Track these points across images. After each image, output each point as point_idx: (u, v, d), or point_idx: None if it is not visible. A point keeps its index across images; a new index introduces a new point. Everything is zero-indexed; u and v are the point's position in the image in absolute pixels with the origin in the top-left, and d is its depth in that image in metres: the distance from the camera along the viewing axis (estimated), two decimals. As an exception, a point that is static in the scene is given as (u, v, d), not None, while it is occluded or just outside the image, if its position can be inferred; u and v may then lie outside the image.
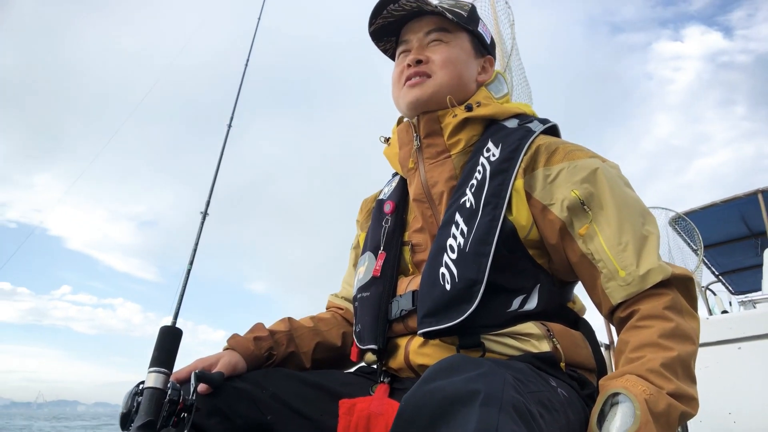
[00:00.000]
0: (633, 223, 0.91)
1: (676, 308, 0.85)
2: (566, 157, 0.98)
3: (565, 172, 0.96)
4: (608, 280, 0.89)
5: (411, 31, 1.16)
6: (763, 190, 5.30)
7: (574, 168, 0.96)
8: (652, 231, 0.91)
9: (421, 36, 1.14)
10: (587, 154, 0.99)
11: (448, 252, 0.94)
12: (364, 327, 1.03)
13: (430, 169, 1.08)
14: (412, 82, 1.10)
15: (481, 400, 0.57)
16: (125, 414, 0.78)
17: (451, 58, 1.12)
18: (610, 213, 0.92)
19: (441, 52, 1.12)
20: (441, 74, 1.10)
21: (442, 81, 1.10)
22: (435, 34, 1.13)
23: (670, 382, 0.76)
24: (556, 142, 1.03)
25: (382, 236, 1.11)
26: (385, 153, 1.22)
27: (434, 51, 1.12)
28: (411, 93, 1.10)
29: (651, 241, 0.90)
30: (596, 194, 0.94)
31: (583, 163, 0.97)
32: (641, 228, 0.91)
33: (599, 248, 0.90)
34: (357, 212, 1.33)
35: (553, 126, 1.11)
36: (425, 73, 1.10)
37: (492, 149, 1.02)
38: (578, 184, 0.94)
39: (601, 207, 0.93)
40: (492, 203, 0.95)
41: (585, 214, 0.93)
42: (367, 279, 1.07)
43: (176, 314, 0.95)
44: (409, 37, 1.16)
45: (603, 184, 0.94)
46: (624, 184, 0.97)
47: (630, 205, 0.93)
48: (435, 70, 1.10)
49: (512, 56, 2.35)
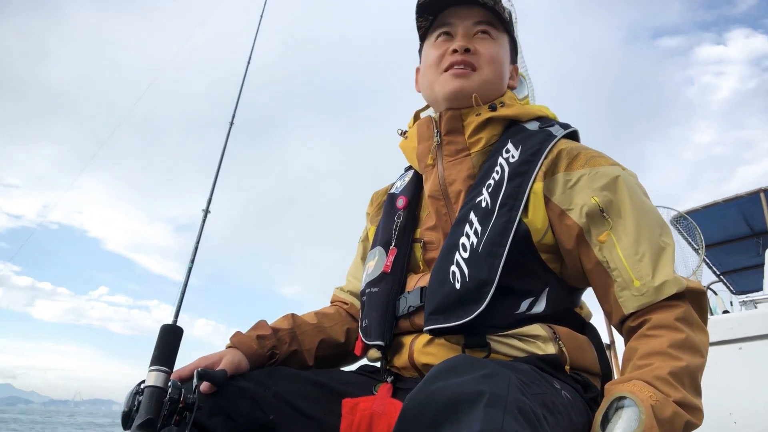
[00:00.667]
0: (651, 233, 0.90)
1: (687, 321, 0.85)
2: (588, 163, 0.97)
3: (585, 178, 0.95)
4: (622, 289, 0.88)
5: (457, 16, 1.11)
6: (765, 189, 5.29)
7: (596, 174, 0.95)
8: (668, 242, 0.91)
9: (468, 24, 1.10)
10: (608, 162, 0.98)
11: (460, 250, 0.93)
12: (371, 322, 1.02)
13: (449, 167, 1.06)
14: (457, 71, 1.07)
15: (486, 401, 0.57)
16: (126, 413, 0.77)
17: (497, 56, 1.11)
18: (629, 222, 0.91)
19: (489, 47, 1.10)
20: (487, 70, 1.08)
21: (487, 77, 1.08)
22: (483, 26, 1.10)
23: (677, 391, 0.76)
24: (578, 147, 1.02)
25: (393, 231, 1.09)
26: (402, 146, 1.20)
27: (482, 44, 1.09)
28: (455, 82, 1.07)
29: (667, 253, 0.89)
30: (616, 202, 0.93)
31: (604, 170, 0.96)
32: (658, 239, 0.90)
33: (615, 257, 0.89)
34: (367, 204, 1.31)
35: (573, 131, 1.09)
36: (471, 64, 1.07)
37: (512, 150, 1.01)
38: (598, 191, 0.94)
39: (619, 215, 0.92)
40: (508, 205, 0.94)
41: (604, 221, 0.92)
42: (377, 274, 1.06)
43: (177, 312, 0.95)
44: (454, 21, 1.11)
45: (623, 192, 0.93)
46: (642, 193, 0.97)
47: (648, 215, 0.93)
48: (482, 65, 1.08)
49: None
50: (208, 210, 1.20)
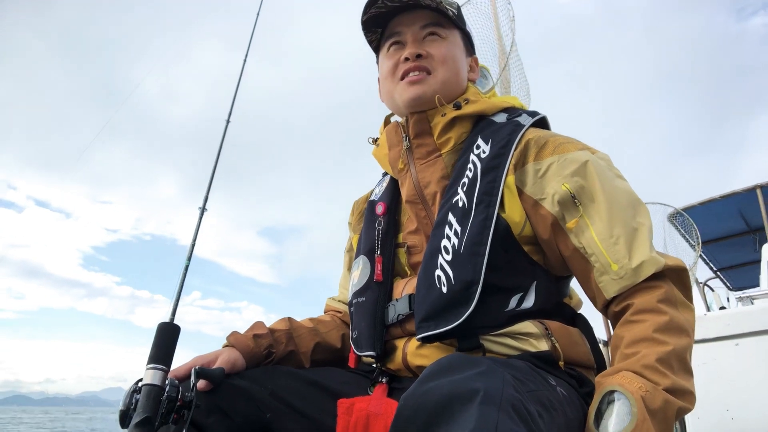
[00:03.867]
0: (624, 215, 0.90)
1: (670, 301, 0.85)
2: (556, 150, 0.97)
3: (555, 165, 0.95)
4: (601, 274, 0.88)
5: (404, 24, 1.11)
6: (761, 185, 5.30)
7: (564, 161, 0.95)
8: (643, 222, 0.90)
9: (416, 29, 1.11)
10: (577, 147, 0.98)
11: (442, 253, 0.92)
12: (361, 333, 1.02)
13: (422, 170, 1.06)
14: (412, 78, 1.07)
15: (480, 399, 0.57)
16: (124, 411, 0.78)
17: (450, 55, 1.10)
18: (601, 206, 0.91)
19: (440, 47, 1.10)
20: (441, 71, 1.08)
21: (443, 78, 1.08)
22: (431, 28, 1.11)
23: (666, 378, 0.76)
24: (546, 135, 1.01)
25: (376, 239, 1.09)
26: (374, 154, 1.20)
27: (432, 46, 1.10)
28: (412, 89, 1.07)
29: (642, 233, 0.89)
30: (587, 187, 0.93)
31: (572, 156, 0.96)
32: (632, 220, 0.90)
33: (591, 242, 0.89)
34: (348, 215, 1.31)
35: (542, 118, 1.09)
36: (425, 69, 1.08)
37: (482, 146, 1.01)
38: (568, 177, 0.93)
39: (591, 200, 0.92)
40: (485, 202, 0.94)
41: (576, 207, 0.92)
42: (362, 284, 1.06)
43: (174, 310, 0.95)
44: (401, 29, 1.11)
45: (593, 176, 0.93)
46: (615, 176, 0.96)
47: (620, 197, 0.92)
48: (435, 66, 1.08)
49: (511, 53, 2.33)
50: (204, 208, 1.19)
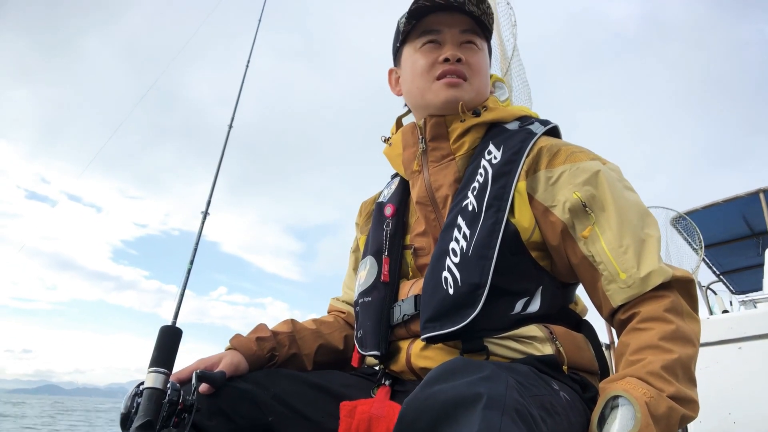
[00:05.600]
0: (633, 225, 0.91)
1: (676, 310, 0.85)
2: (568, 159, 0.98)
3: (567, 174, 0.96)
4: (609, 282, 0.89)
5: (444, 23, 1.10)
6: (764, 189, 5.29)
7: (576, 170, 0.96)
8: (652, 233, 0.91)
9: (455, 32, 1.10)
10: (589, 156, 0.99)
11: (450, 256, 0.93)
12: (366, 332, 1.03)
13: (435, 172, 1.07)
14: (451, 80, 1.07)
15: (484, 403, 0.57)
16: (125, 415, 0.78)
17: (483, 66, 1.12)
18: (611, 215, 0.92)
19: (477, 57, 1.11)
20: (476, 81, 1.10)
21: (477, 88, 1.10)
22: (470, 36, 1.11)
23: (670, 385, 0.76)
24: (558, 143, 1.02)
25: (384, 240, 1.09)
26: (386, 153, 1.20)
27: (469, 54, 1.10)
28: (449, 92, 1.06)
29: (651, 244, 0.90)
30: (598, 196, 0.94)
31: (584, 165, 0.96)
32: (641, 231, 0.91)
33: (600, 250, 0.90)
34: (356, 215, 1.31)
35: (554, 127, 1.10)
36: (463, 75, 1.08)
37: (493, 152, 1.02)
38: (580, 186, 0.94)
39: (602, 209, 0.93)
40: (495, 206, 0.95)
41: (587, 216, 0.93)
42: (369, 284, 1.06)
43: (176, 313, 0.95)
44: (441, 28, 1.10)
45: (604, 186, 0.94)
46: (624, 187, 0.97)
47: (630, 208, 0.93)
48: (472, 76, 1.09)
49: (513, 58, 2.34)
50: (207, 212, 1.18)
